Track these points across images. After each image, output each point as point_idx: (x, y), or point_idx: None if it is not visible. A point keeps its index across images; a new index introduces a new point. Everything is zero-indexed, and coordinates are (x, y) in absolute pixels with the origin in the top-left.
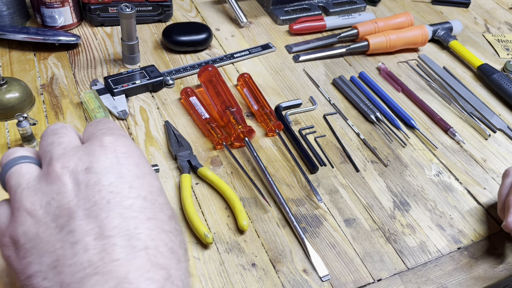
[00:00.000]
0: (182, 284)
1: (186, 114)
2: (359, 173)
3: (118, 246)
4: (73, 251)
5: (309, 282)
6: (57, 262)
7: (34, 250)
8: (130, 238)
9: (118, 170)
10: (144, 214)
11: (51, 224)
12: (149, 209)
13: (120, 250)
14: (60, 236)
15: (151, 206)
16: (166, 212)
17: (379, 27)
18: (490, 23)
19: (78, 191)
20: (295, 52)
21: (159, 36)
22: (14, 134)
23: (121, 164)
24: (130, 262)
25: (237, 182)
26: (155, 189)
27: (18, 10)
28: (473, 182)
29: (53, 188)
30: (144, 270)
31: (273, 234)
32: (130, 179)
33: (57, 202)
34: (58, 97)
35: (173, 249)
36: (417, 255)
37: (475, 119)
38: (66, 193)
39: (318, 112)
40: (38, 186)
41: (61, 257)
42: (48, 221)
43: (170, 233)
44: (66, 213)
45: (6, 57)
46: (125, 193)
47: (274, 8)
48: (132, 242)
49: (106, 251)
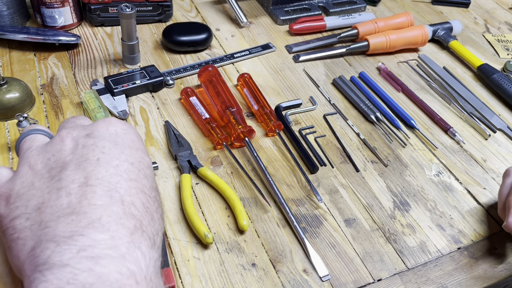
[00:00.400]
0: (153, 238)
1: (186, 114)
2: (359, 173)
3: (98, 194)
4: (57, 195)
5: (309, 282)
6: (41, 204)
7: (25, 196)
8: (110, 189)
9: (114, 140)
10: (128, 175)
11: (46, 174)
12: (133, 172)
13: (98, 197)
14: (50, 183)
15: (136, 171)
16: (149, 180)
17: (379, 27)
18: (490, 23)
19: (75, 149)
20: (295, 52)
21: (159, 36)
22: (14, 134)
23: (118, 136)
24: (105, 208)
25: (237, 182)
26: (144, 161)
27: (18, 10)
28: (473, 182)
29: (55, 147)
30: (116, 217)
31: (273, 234)
32: (123, 147)
33: (56, 158)
34: (58, 97)
35: (149, 209)
36: (417, 255)
37: (475, 119)
38: (65, 151)
39: (318, 112)
40: (44, 147)
41: (46, 200)
42: (44, 172)
43: (148, 196)
44: (60, 165)
45: (6, 57)
46: (115, 155)
47: (274, 8)
48: (111, 193)
49: (85, 196)
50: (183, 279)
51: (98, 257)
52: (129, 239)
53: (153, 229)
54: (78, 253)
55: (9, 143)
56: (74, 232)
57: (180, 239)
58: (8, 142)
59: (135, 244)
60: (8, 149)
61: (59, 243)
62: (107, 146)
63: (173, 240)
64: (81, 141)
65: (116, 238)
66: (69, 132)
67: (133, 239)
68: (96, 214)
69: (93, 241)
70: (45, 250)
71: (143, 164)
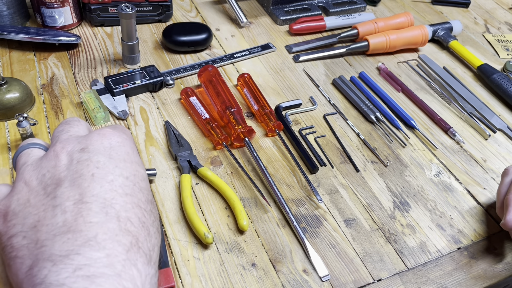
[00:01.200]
0: (149, 254)
1: (186, 114)
2: (359, 173)
3: (93, 211)
4: (53, 213)
5: (309, 282)
6: (37, 222)
7: (21, 213)
8: (105, 206)
9: (108, 153)
10: (123, 189)
11: (41, 191)
12: (128, 187)
13: (94, 214)
14: (46, 200)
15: (131, 185)
16: (145, 193)
17: (379, 27)
18: (490, 23)
19: (70, 165)
20: (295, 52)
21: (159, 36)
22: (14, 134)
23: (112, 149)
24: (101, 226)
25: (237, 182)
26: (139, 174)
27: (18, 10)
28: (473, 182)
29: (50, 163)
30: (112, 234)
31: (273, 234)
32: (117, 161)
33: (51, 174)
34: (58, 97)
35: (145, 224)
36: (417, 255)
37: (475, 119)
38: (59, 167)
39: (318, 112)
40: (39, 162)
41: (41, 218)
42: (39, 189)
43: (144, 210)
44: (55, 182)
45: (6, 57)
46: (109, 169)
47: (274, 8)
48: (106, 209)
49: (81, 213)
50: (183, 279)
51: (94, 276)
52: (125, 256)
53: (149, 244)
54: (74, 272)
55: (9, 143)
56: (70, 251)
57: (180, 239)
58: (8, 142)
59: (131, 262)
60: (8, 149)
61: (55, 262)
62: (101, 160)
63: (173, 240)
64: (75, 156)
65: (112, 256)
66: (64, 147)
67: (129, 257)
68: (92, 232)
69: (89, 259)
70: (42, 269)
71: (138, 177)
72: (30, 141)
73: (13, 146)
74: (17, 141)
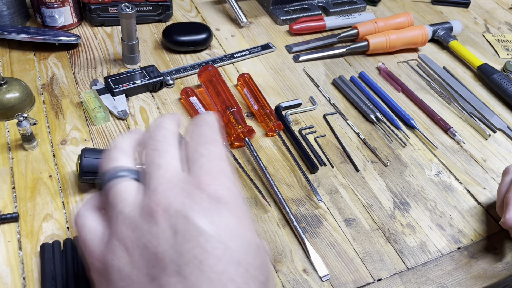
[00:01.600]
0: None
1: (186, 114)
2: (359, 173)
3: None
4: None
5: (309, 282)
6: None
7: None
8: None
9: (216, 226)
10: (235, 283)
11: (144, 271)
12: (242, 278)
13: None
14: (150, 286)
15: (244, 274)
16: (259, 278)
17: (379, 27)
18: (490, 23)
19: (175, 243)
20: (295, 52)
21: (159, 36)
22: (14, 134)
23: (221, 215)
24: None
25: (237, 182)
26: (252, 250)
27: (18, 10)
28: (473, 182)
29: (151, 229)
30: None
31: (273, 234)
32: (227, 237)
33: (154, 249)
34: (58, 97)
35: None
36: (417, 255)
37: (475, 119)
38: (163, 240)
39: (318, 112)
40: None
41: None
42: (142, 267)
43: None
44: (160, 264)
45: (6, 57)
46: (219, 254)
47: (274, 8)
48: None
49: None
50: None
51: None
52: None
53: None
54: None
55: (9, 143)
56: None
57: None
58: (8, 142)
59: None
60: (8, 149)
61: None
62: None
63: None
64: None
65: None
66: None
67: None
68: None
69: None
70: None
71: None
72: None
73: (13, 146)
74: (17, 141)
